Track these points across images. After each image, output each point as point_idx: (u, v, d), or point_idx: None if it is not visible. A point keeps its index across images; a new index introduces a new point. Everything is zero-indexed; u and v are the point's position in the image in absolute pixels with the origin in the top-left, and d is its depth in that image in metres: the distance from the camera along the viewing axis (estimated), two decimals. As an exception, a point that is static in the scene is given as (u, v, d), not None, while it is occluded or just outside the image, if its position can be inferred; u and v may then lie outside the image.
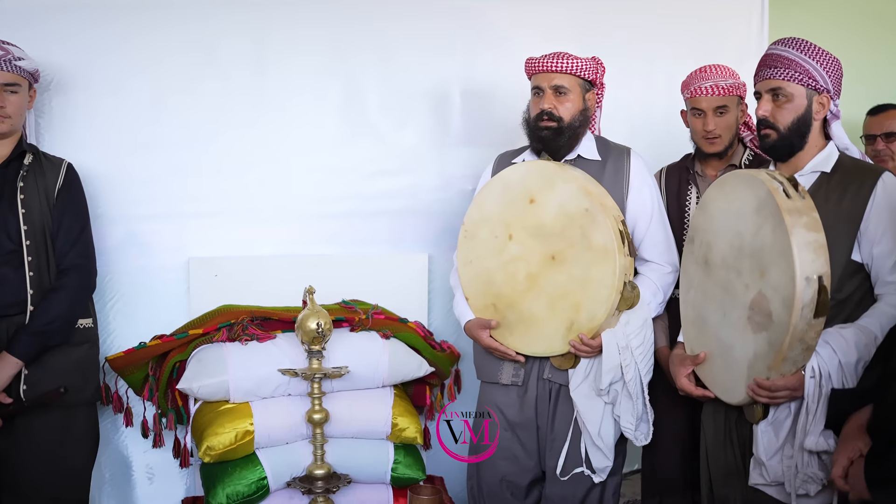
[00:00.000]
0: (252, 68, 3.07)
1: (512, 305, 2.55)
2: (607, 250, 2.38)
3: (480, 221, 2.60)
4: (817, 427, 1.98)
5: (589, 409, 2.47)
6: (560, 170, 2.49)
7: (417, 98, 3.24)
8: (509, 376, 2.61)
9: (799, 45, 2.17)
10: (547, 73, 2.56)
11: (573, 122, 2.56)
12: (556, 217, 2.46)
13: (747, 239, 2.07)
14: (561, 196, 2.45)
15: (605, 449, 2.50)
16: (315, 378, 2.63)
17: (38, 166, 2.57)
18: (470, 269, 2.64)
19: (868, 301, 2.14)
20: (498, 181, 2.58)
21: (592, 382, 2.47)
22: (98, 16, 2.88)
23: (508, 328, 2.57)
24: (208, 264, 2.98)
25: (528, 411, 2.60)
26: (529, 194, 2.50)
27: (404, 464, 2.80)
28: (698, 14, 3.49)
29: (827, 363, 1.99)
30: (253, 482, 2.63)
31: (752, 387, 2.05)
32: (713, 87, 2.72)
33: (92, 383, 2.65)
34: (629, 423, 2.46)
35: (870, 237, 2.10)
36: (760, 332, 2.02)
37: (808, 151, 2.20)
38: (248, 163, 3.07)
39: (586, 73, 2.57)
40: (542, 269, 2.49)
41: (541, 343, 2.52)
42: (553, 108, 2.54)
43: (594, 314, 2.41)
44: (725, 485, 2.26)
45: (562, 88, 2.55)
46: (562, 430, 2.55)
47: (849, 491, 1.86)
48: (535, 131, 2.58)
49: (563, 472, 2.54)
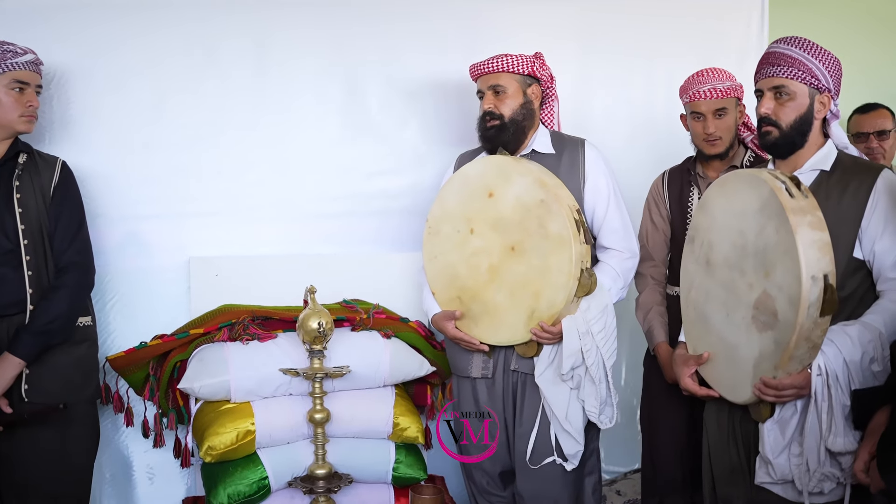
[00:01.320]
0: (253, 68, 3.07)
1: (476, 297, 2.62)
2: (563, 239, 2.44)
3: (443, 217, 2.68)
4: (839, 427, 1.98)
5: (554, 394, 2.53)
6: (516, 163, 2.57)
7: (418, 98, 3.24)
8: (479, 369, 2.67)
9: (802, 43, 2.18)
10: (484, 75, 2.67)
11: (515, 118, 2.64)
12: (513, 209, 2.53)
13: (750, 238, 2.07)
14: (517, 188, 2.52)
15: (575, 433, 2.54)
16: (316, 378, 2.63)
17: (33, 165, 2.56)
18: (435, 265, 2.71)
19: (870, 298, 2.14)
20: (458, 177, 2.67)
21: (556, 368, 2.53)
22: (99, 15, 2.89)
23: (473, 319, 2.63)
24: (209, 264, 2.98)
25: (496, 403, 2.65)
26: (488, 188, 2.58)
27: (405, 463, 2.80)
28: (698, 13, 3.49)
29: (832, 361, 1.99)
30: (254, 482, 2.63)
31: (758, 386, 2.05)
32: (711, 90, 2.73)
33: (92, 382, 2.65)
34: (593, 408, 2.51)
35: (871, 234, 2.10)
36: (766, 331, 2.02)
37: (808, 150, 2.21)
38: (249, 162, 3.07)
39: (523, 69, 2.65)
40: (502, 261, 2.56)
41: (504, 332, 2.58)
42: (493, 108, 2.64)
43: (553, 301, 2.47)
44: (729, 484, 2.25)
45: (498, 87, 2.65)
46: (529, 419, 2.60)
47: (869, 483, 1.88)
48: (483, 132, 2.68)
49: (533, 460, 2.58)
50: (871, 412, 1.95)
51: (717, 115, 2.74)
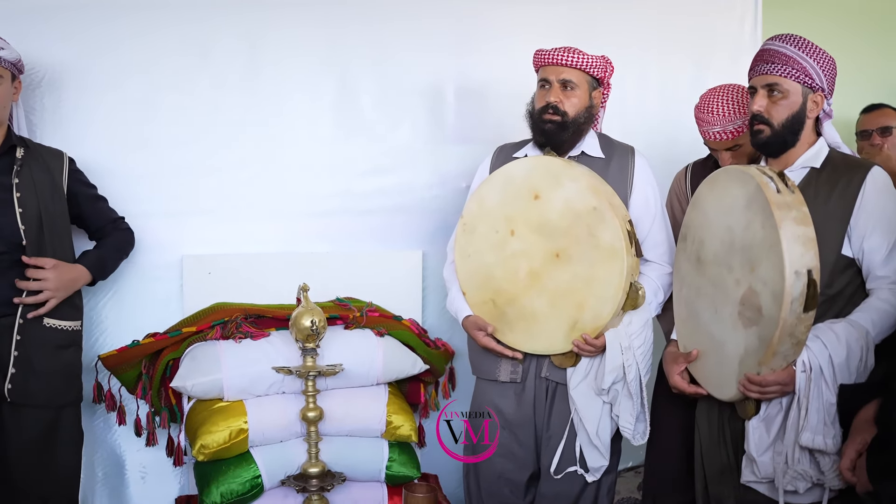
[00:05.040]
0: (246, 68, 3.06)
1: (512, 302, 2.52)
2: (615, 250, 2.35)
3: (480, 215, 2.56)
4: (811, 422, 1.98)
5: (588, 408, 2.47)
6: (566, 166, 2.46)
7: (412, 96, 3.23)
8: (507, 373, 2.59)
9: (797, 42, 2.17)
10: (556, 66, 2.53)
11: (578, 118, 2.53)
12: (561, 214, 2.43)
13: (738, 234, 2.07)
14: (568, 193, 2.42)
15: (602, 448, 2.50)
16: (309, 376, 2.63)
17: (34, 158, 2.54)
18: (468, 264, 2.59)
19: (859, 296, 2.14)
20: (500, 175, 2.54)
21: (592, 382, 2.46)
22: (94, 15, 2.88)
23: (508, 325, 2.53)
24: (202, 262, 2.98)
25: (525, 409, 2.58)
26: (534, 190, 2.47)
27: (399, 462, 2.80)
28: (692, 12, 3.50)
29: (818, 358, 1.99)
30: (247, 480, 2.63)
31: (742, 382, 2.05)
32: (721, 132, 2.58)
33: (75, 385, 2.63)
34: (628, 423, 2.45)
35: (860, 231, 2.10)
36: (751, 327, 2.02)
37: (800, 148, 2.21)
38: (243, 161, 3.07)
39: (595, 71, 2.55)
40: (545, 266, 2.46)
41: (542, 341, 2.49)
42: (559, 102, 2.51)
43: (599, 314, 2.39)
44: (720, 483, 2.25)
45: (569, 83, 2.52)
46: (558, 428, 2.55)
47: (856, 483, 1.87)
48: (539, 124, 2.55)
49: (557, 471, 2.54)
50: (856, 408, 1.94)
51: (731, 150, 2.61)
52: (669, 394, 2.42)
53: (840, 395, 1.97)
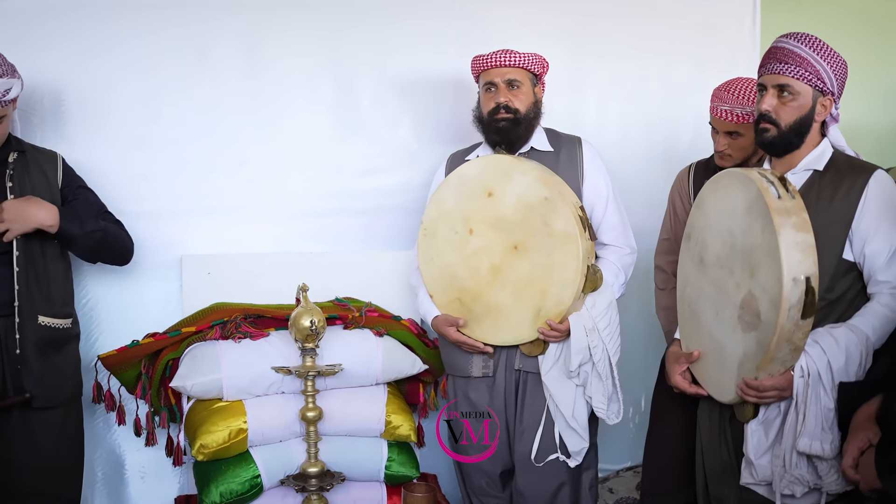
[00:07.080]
0: (245, 68, 3.07)
1: (477, 298, 2.60)
2: (569, 235, 2.45)
3: (439, 218, 2.66)
4: (809, 428, 1.98)
5: (561, 391, 2.54)
6: (516, 162, 2.57)
7: (410, 96, 3.24)
8: (479, 368, 2.66)
9: (811, 42, 2.12)
10: (499, 67, 2.64)
11: (528, 114, 2.64)
12: (515, 208, 2.52)
13: (739, 237, 2.06)
14: (519, 187, 2.52)
15: (580, 430, 2.56)
16: (309, 376, 2.63)
17: (27, 162, 2.54)
18: (432, 267, 2.68)
19: (860, 300, 2.12)
20: (454, 178, 2.65)
21: (563, 366, 2.54)
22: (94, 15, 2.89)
23: (476, 321, 2.61)
24: (201, 262, 2.98)
25: (496, 402, 2.65)
26: (487, 188, 2.56)
27: (398, 461, 2.80)
28: (690, 13, 3.49)
29: (816, 363, 1.98)
30: (246, 480, 2.64)
31: (740, 386, 2.04)
32: (728, 112, 2.60)
33: (71, 382, 2.63)
34: (601, 403, 2.53)
35: (862, 235, 2.08)
36: (750, 331, 2.02)
37: (804, 150, 2.17)
38: (242, 161, 3.08)
39: (535, 67, 2.66)
40: (505, 260, 2.55)
41: (509, 332, 2.58)
42: (509, 101, 2.62)
43: (560, 299, 2.48)
44: (720, 483, 2.25)
45: (515, 82, 2.63)
46: (531, 418, 2.60)
47: (859, 481, 1.87)
48: (493, 124, 2.64)
49: (539, 458, 2.58)
50: (855, 407, 1.94)
51: (730, 135, 2.64)
52: (669, 393, 2.43)
53: (840, 392, 1.97)
